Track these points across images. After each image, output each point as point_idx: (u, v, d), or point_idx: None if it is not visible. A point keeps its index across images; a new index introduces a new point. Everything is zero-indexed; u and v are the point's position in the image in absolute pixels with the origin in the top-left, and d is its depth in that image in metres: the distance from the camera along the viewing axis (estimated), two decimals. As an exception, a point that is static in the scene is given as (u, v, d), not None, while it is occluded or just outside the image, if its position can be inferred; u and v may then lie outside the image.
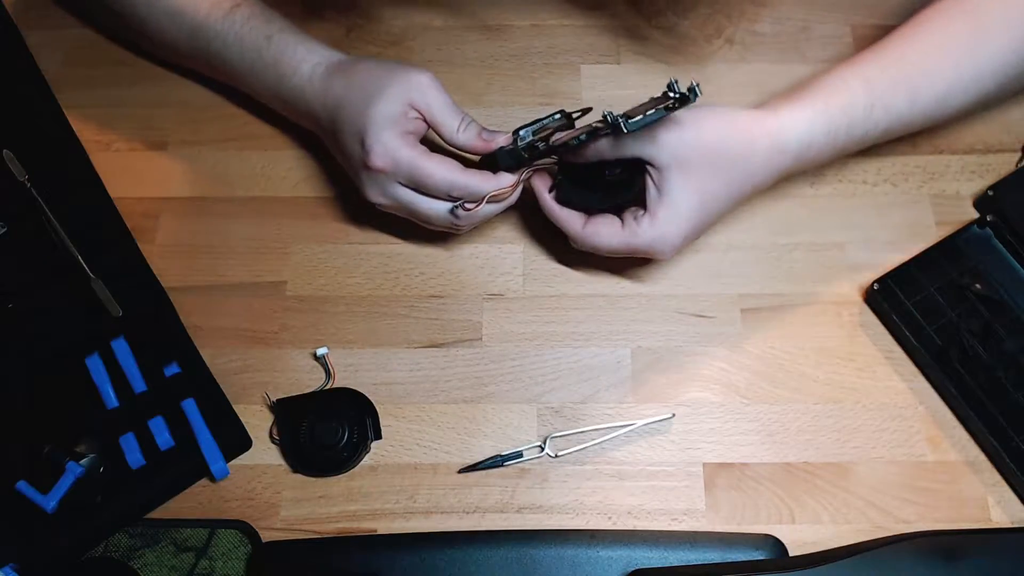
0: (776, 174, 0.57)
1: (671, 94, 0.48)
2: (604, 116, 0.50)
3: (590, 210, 0.58)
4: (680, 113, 0.52)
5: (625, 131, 0.49)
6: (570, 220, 0.58)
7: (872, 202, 0.65)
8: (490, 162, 0.58)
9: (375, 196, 0.58)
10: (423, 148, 0.57)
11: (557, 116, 0.56)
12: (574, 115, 0.57)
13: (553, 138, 0.55)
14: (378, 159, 0.56)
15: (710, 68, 0.70)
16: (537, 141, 0.55)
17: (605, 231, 0.57)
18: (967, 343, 0.58)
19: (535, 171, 0.58)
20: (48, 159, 0.66)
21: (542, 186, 0.59)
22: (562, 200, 0.58)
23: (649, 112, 0.49)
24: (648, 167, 0.55)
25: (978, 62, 0.57)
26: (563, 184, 0.58)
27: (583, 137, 0.53)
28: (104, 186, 0.66)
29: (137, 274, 0.63)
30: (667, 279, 0.63)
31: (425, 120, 0.57)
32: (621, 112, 0.51)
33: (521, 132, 0.56)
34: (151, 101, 0.70)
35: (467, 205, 0.56)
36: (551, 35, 0.72)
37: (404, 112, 0.56)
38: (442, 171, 0.55)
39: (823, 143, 0.56)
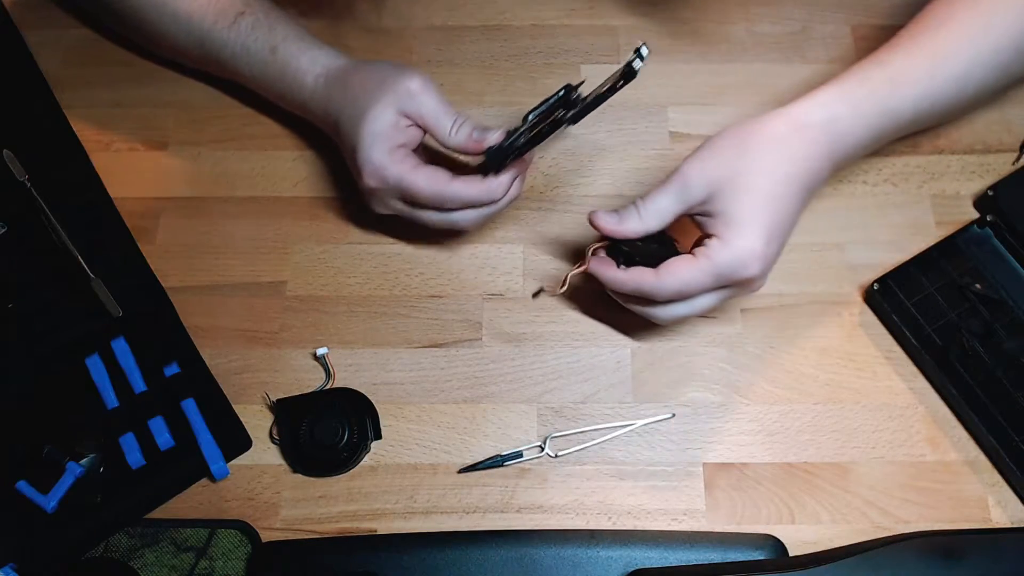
0: (816, 153, 0.53)
1: (628, 66, 0.47)
2: (566, 93, 0.51)
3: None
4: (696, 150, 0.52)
5: (573, 124, 0.50)
6: (641, 275, 0.53)
7: (872, 202, 0.65)
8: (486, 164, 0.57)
9: (376, 207, 0.60)
10: (413, 162, 0.56)
11: (561, 93, 0.54)
12: (577, 86, 0.55)
13: (530, 134, 0.54)
14: (368, 178, 0.56)
15: (710, 68, 0.70)
16: (519, 136, 0.54)
17: (683, 268, 0.52)
18: (967, 343, 0.58)
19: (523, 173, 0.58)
20: (48, 159, 0.66)
21: (605, 267, 0.55)
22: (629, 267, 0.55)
23: (588, 99, 0.50)
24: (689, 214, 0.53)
25: (993, 36, 0.55)
26: (624, 253, 0.55)
27: (546, 130, 0.53)
28: (104, 186, 0.66)
29: (137, 274, 0.63)
30: (667, 279, 0.63)
31: (419, 126, 0.57)
32: (582, 95, 0.51)
33: (531, 116, 0.55)
34: (151, 101, 0.70)
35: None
36: (551, 35, 0.72)
37: (395, 123, 0.56)
38: (429, 185, 0.55)
39: (848, 114, 0.53)
